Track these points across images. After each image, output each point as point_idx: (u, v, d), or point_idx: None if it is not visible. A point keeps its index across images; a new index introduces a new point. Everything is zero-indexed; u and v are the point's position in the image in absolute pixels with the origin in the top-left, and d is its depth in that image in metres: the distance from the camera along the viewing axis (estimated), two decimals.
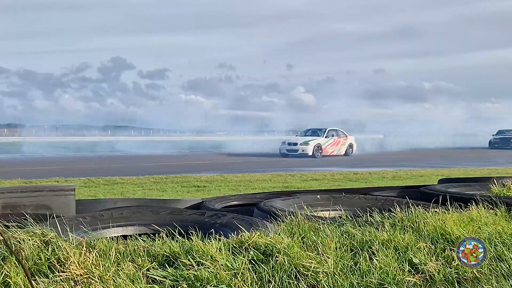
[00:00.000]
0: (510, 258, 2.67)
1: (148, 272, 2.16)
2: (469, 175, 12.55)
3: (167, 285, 2.11)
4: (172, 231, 2.60)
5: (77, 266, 2.10)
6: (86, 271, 2.09)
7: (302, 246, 2.51)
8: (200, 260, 2.23)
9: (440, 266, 2.52)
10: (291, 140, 24.42)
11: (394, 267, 2.43)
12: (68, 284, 2.02)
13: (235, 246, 2.41)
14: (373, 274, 2.35)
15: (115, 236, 2.76)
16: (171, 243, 2.40)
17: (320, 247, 2.49)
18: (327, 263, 2.36)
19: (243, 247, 2.40)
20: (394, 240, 2.67)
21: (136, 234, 2.77)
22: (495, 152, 29.91)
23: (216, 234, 2.53)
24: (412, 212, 3.06)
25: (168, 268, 2.20)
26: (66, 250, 2.17)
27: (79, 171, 14.74)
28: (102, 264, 2.15)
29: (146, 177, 12.09)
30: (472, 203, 3.39)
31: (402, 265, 2.47)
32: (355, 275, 2.34)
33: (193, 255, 2.28)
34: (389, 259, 2.47)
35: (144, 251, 2.32)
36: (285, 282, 2.23)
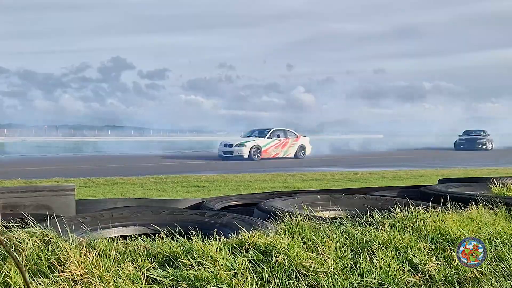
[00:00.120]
0: (510, 258, 2.67)
1: (148, 272, 2.16)
2: (469, 175, 12.57)
3: (167, 285, 2.11)
4: (172, 231, 2.60)
5: (77, 266, 2.10)
6: (86, 271, 2.09)
7: (302, 246, 2.51)
8: (200, 260, 2.23)
9: (440, 266, 2.51)
10: (228, 141, 22.10)
11: (394, 267, 2.43)
12: (68, 284, 2.02)
13: (235, 246, 2.41)
14: (373, 274, 2.35)
15: (115, 236, 2.77)
16: (171, 243, 2.40)
17: (320, 247, 2.48)
18: (327, 263, 2.36)
19: (243, 247, 2.40)
20: (394, 240, 2.67)
21: (136, 234, 2.77)
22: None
23: (216, 234, 2.53)
24: (412, 212, 3.06)
25: (168, 268, 2.20)
26: (66, 250, 2.17)
27: (79, 171, 14.75)
28: (102, 264, 2.15)
29: (146, 177, 12.10)
30: (472, 203, 3.39)
31: (402, 265, 2.47)
32: (355, 275, 2.34)
33: (193, 255, 2.28)
34: (389, 259, 2.47)
35: (144, 251, 2.32)
36: (285, 282, 2.23)
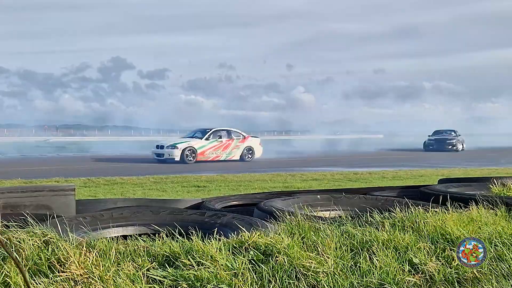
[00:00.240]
0: (510, 258, 2.67)
1: (148, 272, 2.16)
2: (469, 175, 12.56)
3: (167, 285, 2.11)
4: (172, 231, 2.60)
5: (77, 266, 2.10)
6: (86, 271, 2.09)
7: (302, 246, 2.51)
8: (200, 260, 2.23)
9: (440, 266, 2.51)
10: (160, 142, 20.00)
11: (394, 267, 2.43)
12: (68, 284, 2.02)
13: (235, 246, 2.41)
14: (373, 274, 2.35)
15: (115, 236, 2.77)
16: (171, 243, 2.40)
17: (320, 247, 2.48)
18: (327, 263, 2.36)
19: (243, 247, 2.40)
20: (394, 240, 2.67)
21: (136, 234, 2.77)
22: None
23: (216, 234, 2.53)
24: (412, 212, 3.06)
25: (168, 268, 2.20)
26: (66, 250, 2.17)
27: (79, 171, 14.74)
28: (102, 264, 2.15)
29: (146, 177, 12.10)
30: (472, 203, 3.39)
31: (402, 265, 2.47)
32: (355, 275, 2.34)
33: (193, 255, 2.28)
34: (389, 259, 2.47)
35: (144, 251, 2.32)
36: (285, 282, 2.23)
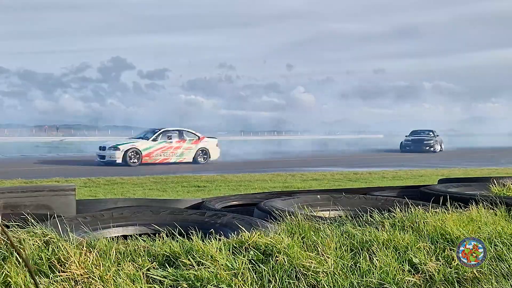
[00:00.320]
0: (510, 258, 2.67)
1: (148, 272, 2.16)
2: (469, 175, 12.56)
3: (167, 285, 2.11)
4: (172, 231, 2.60)
5: (77, 266, 2.10)
6: (86, 271, 2.09)
7: (302, 246, 2.51)
8: (200, 260, 2.23)
9: (440, 266, 2.52)
10: (104, 143, 18.46)
11: (394, 267, 2.43)
12: (68, 284, 2.02)
13: (235, 246, 2.41)
14: (373, 274, 2.35)
15: (115, 236, 2.77)
16: (171, 243, 2.40)
17: (320, 247, 2.49)
18: (327, 263, 2.36)
19: (243, 247, 2.40)
20: (394, 240, 2.67)
21: (137, 234, 2.77)
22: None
23: (216, 234, 2.53)
24: (412, 212, 3.06)
25: (168, 268, 2.20)
26: (67, 250, 2.18)
27: (79, 171, 14.74)
28: (103, 264, 2.15)
29: (146, 177, 12.11)
30: (472, 203, 3.39)
31: (402, 265, 2.48)
32: (355, 275, 2.34)
33: (193, 255, 2.28)
34: (389, 259, 2.47)
35: (144, 251, 2.33)
36: (285, 282, 2.23)
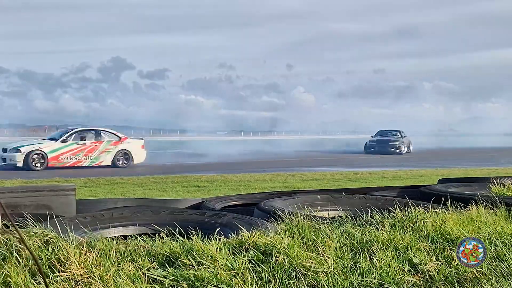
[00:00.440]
0: (510, 258, 2.67)
1: (148, 272, 2.16)
2: (469, 175, 12.56)
3: (167, 285, 2.11)
4: (172, 231, 2.60)
5: (77, 266, 2.10)
6: (86, 271, 2.09)
7: (302, 246, 2.51)
8: (200, 260, 2.23)
9: (440, 266, 2.52)
10: (7, 145, 16.20)
11: (394, 267, 2.43)
12: (68, 284, 2.02)
13: (235, 246, 2.41)
14: (373, 274, 2.35)
15: (115, 236, 2.77)
16: (171, 243, 2.40)
17: (320, 247, 2.49)
18: (327, 263, 2.36)
19: (243, 247, 2.40)
20: (394, 240, 2.67)
21: (137, 234, 2.77)
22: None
23: (216, 234, 2.53)
24: (412, 212, 3.06)
25: (168, 268, 2.20)
26: (67, 250, 2.18)
27: (79, 171, 14.74)
28: (103, 264, 2.15)
29: (146, 177, 12.10)
30: (472, 203, 3.39)
31: (402, 265, 2.48)
32: (355, 275, 2.34)
33: (193, 255, 2.28)
34: (389, 259, 2.47)
35: (144, 251, 2.33)
36: (285, 282, 2.23)
